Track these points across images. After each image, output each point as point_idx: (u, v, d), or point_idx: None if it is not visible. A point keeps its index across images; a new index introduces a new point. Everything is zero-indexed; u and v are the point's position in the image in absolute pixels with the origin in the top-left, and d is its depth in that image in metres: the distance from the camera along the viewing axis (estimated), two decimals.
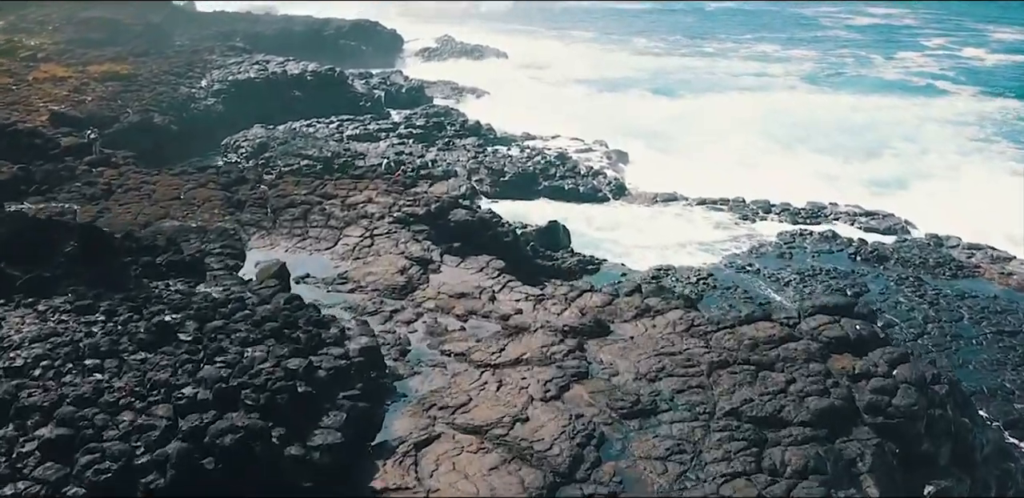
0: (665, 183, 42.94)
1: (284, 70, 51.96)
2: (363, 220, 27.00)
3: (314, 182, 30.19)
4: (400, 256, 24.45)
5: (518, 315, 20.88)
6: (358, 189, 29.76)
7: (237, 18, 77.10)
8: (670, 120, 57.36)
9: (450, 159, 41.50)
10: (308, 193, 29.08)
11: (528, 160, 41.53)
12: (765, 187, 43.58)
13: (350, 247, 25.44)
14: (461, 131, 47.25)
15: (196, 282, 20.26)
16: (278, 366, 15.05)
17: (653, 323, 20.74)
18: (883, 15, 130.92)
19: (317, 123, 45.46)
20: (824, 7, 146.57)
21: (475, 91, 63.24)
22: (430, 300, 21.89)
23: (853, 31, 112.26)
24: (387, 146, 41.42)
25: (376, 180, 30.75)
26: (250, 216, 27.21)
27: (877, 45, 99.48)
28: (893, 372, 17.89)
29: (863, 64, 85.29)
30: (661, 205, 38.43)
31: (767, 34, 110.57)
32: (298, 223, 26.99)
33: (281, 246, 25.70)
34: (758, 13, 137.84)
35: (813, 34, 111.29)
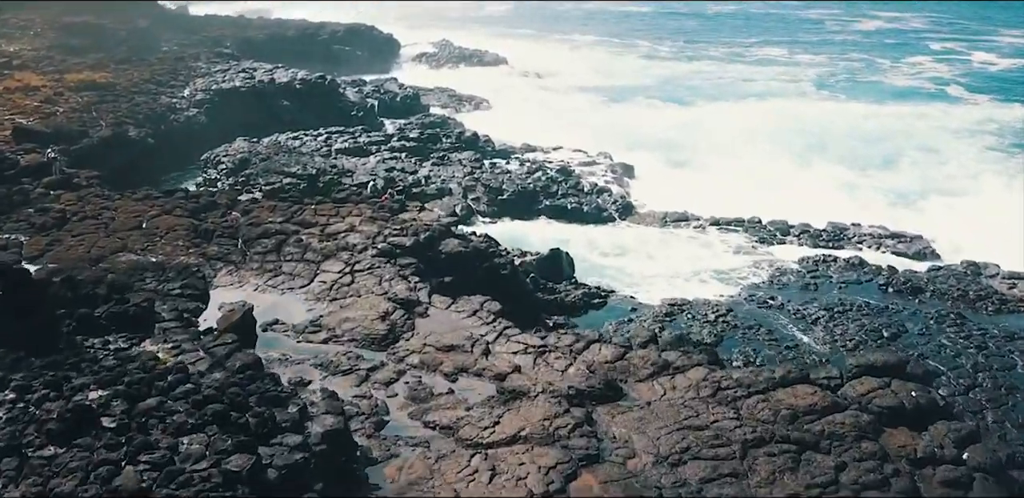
0: (675, 200, 39.92)
1: (272, 78, 48.93)
2: (344, 252, 23.95)
3: (291, 207, 27.10)
4: (382, 297, 21.39)
5: (516, 375, 17.83)
6: (340, 215, 26.70)
7: (228, 22, 74.12)
8: (679, 130, 54.30)
9: (445, 175, 38.45)
10: (284, 220, 26.02)
11: (528, 176, 38.47)
12: (781, 202, 40.63)
13: (327, 285, 22.40)
14: (457, 144, 44.21)
15: (141, 338, 17.25)
16: (217, 467, 12.00)
17: (673, 384, 17.71)
18: (888, 18, 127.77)
19: (304, 135, 42.42)
20: (828, 10, 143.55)
21: (473, 99, 60.22)
22: (414, 353, 18.85)
23: (860, 35, 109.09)
24: (377, 162, 38.36)
25: (361, 205, 27.68)
26: (218, 248, 24.15)
27: (885, 49, 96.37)
28: (963, 455, 14.85)
29: (872, 69, 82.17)
30: (671, 226, 35.37)
31: (772, 38, 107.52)
32: (271, 256, 23.94)
33: (250, 284, 22.66)
34: (760, 17, 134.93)
35: (819, 38, 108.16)
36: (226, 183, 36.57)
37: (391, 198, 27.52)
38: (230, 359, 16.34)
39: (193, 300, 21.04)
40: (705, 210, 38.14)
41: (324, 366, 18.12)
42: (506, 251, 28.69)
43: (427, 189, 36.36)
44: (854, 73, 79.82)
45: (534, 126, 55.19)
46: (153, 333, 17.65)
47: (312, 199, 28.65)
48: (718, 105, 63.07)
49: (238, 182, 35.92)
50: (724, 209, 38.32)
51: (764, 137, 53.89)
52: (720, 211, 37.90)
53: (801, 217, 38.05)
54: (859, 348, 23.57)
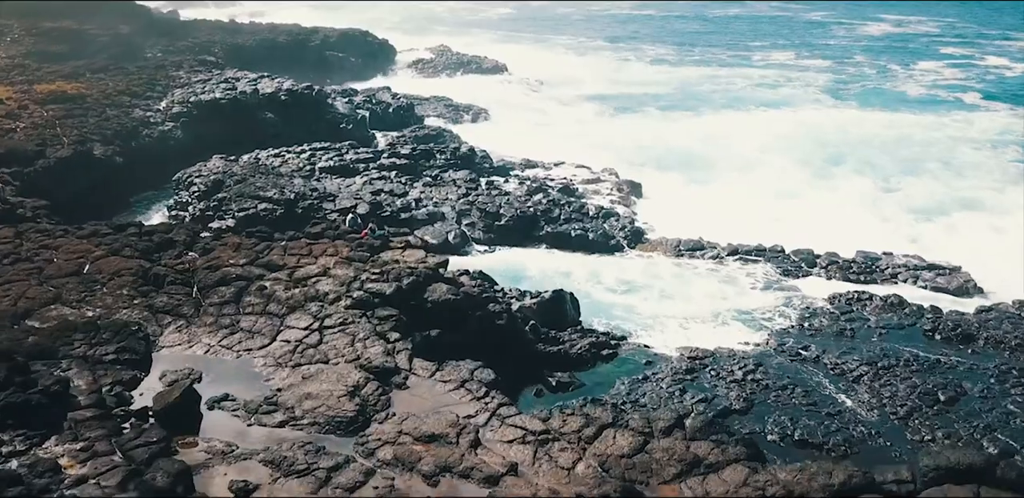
0: (687, 223, 36.34)
1: (256, 89, 45.28)
2: (313, 304, 20.34)
3: (258, 246, 23.45)
4: (354, 365, 17.79)
5: (512, 478, 14.22)
6: (313, 255, 23.08)
7: (217, 28, 70.53)
8: (690, 142, 50.78)
9: (438, 197, 34.85)
10: (248, 262, 22.40)
11: (528, 199, 34.83)
12: (803, 222, 37.40)
13: (291, 346, 18.79)
14: (452, 160, 40.62)
15: (44, 435, 13.69)
16: None
17: (705, 487, 14.10)
18: (894, 22, 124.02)
19: (287, 152, 38.78)
20: (831, 13, 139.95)
21: (471, 109, 56.61)
22: (387, 445, 15.22)
23: (867, 40, 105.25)
24: (364, 183, 34.73)
25: (337, 242, 24.04)
26: (168, 299, 20.53)
27: (894, 54, 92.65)
28: None
29: (884, 76, 78.44)
30: (686, 256, 31.71)
31: (777, 41, 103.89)
32: (229, 308, 20.32)
33: (202, 343, 19.06)
34: (763, 19, 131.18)
35: (824, 42, 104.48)
36: (197, 207, 33.00)
37: (372, 234, 23.94)
38: (151, 468, 12.78)
39: (131, 367, 17.54)
40: (722, 235, 34.55)
41: (276, 463, 14.50)
42: (503, 292, 25.17)
43: (417, 214, 32.76)
44: (866, 80, 76.14)
45: (535, 139, 51.82)
46: (63, 428, 14.08)
47: (284, 234, 25.04)
48: (730, 114, 59.49)
49: (210, 207, 32.35)
50: (742, 233, 34.77)
51: (781, 149, 50.45)
52: (738, 236, 34.34)
53: (826, 242, 34.53)
54: (913, 416, 19.99)
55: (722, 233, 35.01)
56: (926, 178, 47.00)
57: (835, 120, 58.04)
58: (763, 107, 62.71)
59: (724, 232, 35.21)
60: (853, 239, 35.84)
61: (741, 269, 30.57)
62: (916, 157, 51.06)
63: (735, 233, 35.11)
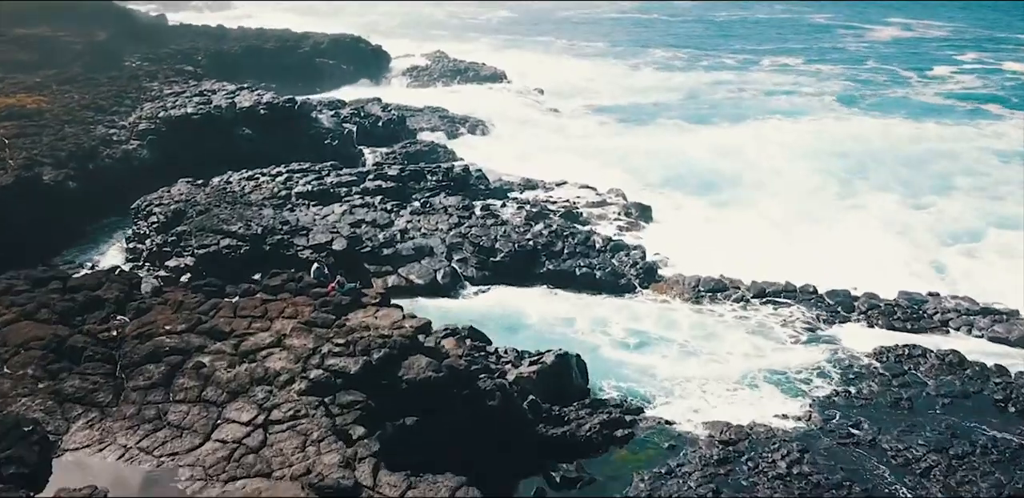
0: (704, 252, 32.35)
1: (232, 102, 41.09)
2: (260, 388, 16.23)
3: (202, 305, 19.30)
4: (301, 485, 13.67)
5: None
6: (268, 316, 18.95)
7: (202, 33, 66.42)
8: (704, 157, 46.88)
9: (426, 227, 30.72)
10: (187, 328, 18.26)
11: (527, 229, 30.66)
12: (831, 248, 33.39)
13: (226, 450, 14.69)
14: (444, 182, 36.46)
15: None
16: None
17: None
18: (902, 26, 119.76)
19: (261, 175, 34.65)
20: (834, 15, 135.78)
21: (467, 121, 52.43)
22: None
23: (877, 45, 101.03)
24: (343, 212, 30.59)
25: (299, 299, 19.89)
26: (81, 382, 16.43)
27: (907, 60, 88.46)
28: None
29: (899, 82, 74.21)
30: (707, 299, 27.52)
31: (783, 45, 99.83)
32: (156, 394, 16.22)
33: (116, 445, 14.99)
34: (767, 23, 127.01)
35: (832, 46, 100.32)
36: (155, 241, 28.88)
37: (340, 289, 19.85)
38: None
39: (17, 487, 13.43)
40: (744, 268, 30.47)
41: None
42: (496, 356, 21.02)
43: (402, 248, 28.61)
44: (880, 87, 71.93)
45: (536, 154, 47.82)
46: None
47: (237, 286, 20.92)
48: (744, 126, 55.39)
49: (168, 241, 28.22)
50: (766, 265, 30.78)
51: (801, 163, 46.53)
52: (762, 268, 30.28)
53: (860, 275, 30.67)
54: None
55: (744, 265, 31.00)
56: (957, 195, 43.06)
57: (855, 131, 53.91)
58: (777, 116, 58.56)
59: (746, 263, 31.22)
60: (888, 271, 32.00)
61: (771, 315, 26.39)
62: (944, 172, 47.03)
63: (758, 264, 31.11)
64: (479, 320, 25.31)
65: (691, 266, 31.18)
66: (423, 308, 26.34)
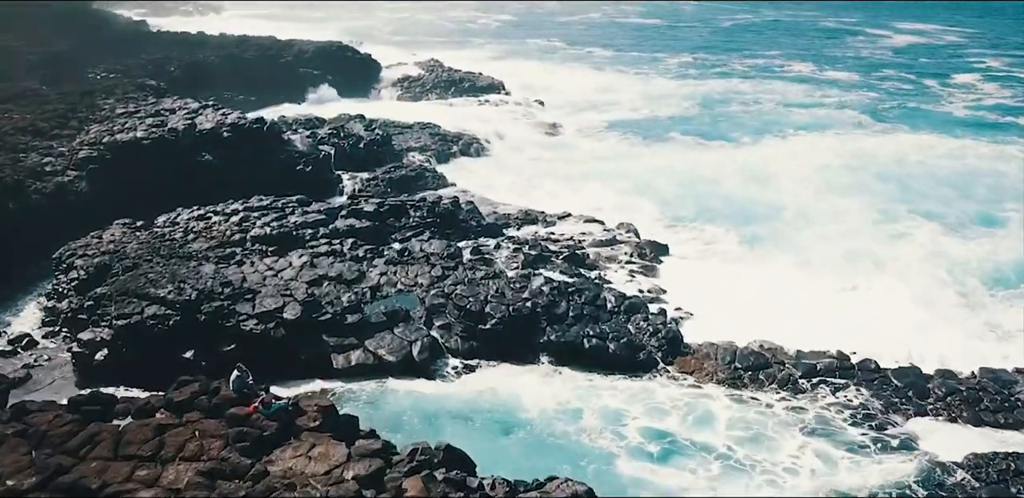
0: (733, 306, 26.83)
1: (191, 124, 35.44)
2: None
3: (73, 437, 13.65)
4: None
5: None
6: (160, 457, 13.31)
7: (179, 41, 60.82)
8: (727, 180, 41.47)
9: (404, 281, 25.08)
10: (40, 481, 12.61)
11: (524, 284, 24.94)
12: (879, 298, 27.74)
13: None
14: (430, 218, 30.90)
15: None
16: None
17: None
18: (915, 32, 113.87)
19: (214, 213, 29.05)
20: (842, 20, 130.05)
21: (460, 139, 46.76)
22: None
23: (892, 52, 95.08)
24: (303, 265, 24.91)
25: (209, 423, 14.23)
26: None
27: (925, 67, 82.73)
28: None
29: (923, 93, 68.39)
30: (746, 380, 21.84)
31: (793, 51, 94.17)
32: None
33: None
34: (771, 27, 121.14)
35: (845, 53, 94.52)
36: (72, 304, 23.27)
37: (264, 410, 14.19)
38: None
39: None
40: (783, 327, 25.01)
41: None
42: (482, 491, 15.30)
43: (372, 314, 22.95)
44: (904, 97, 66.10)
45: (536, 179, 42.24)
46: None
47: (131, 404, 15.26)
48: (768, 143, 49.77)
49: (84, 306, 22.58)
50: (810, 324, 25.32)
51: (836, 185, 40.92)
52: (805, 329, 24.81)
53: (915, 337, 25.14)
54: None
55: (782, 321, 25.57)
56: (1013, 228, 37.30)
57: (888, 149, 48.17)
58: (801, 131, 52.83)
59: (784, 319, 25.76)
60: (944, 327, 26.33)
61: (831, 406, 20.67)
62: (990, 197, 41.35)
63: (799, 321, 25.62)
64: (463, 413, 19.83)
65: (718, 325, 25.66)
66: (393, 394, 20.82)
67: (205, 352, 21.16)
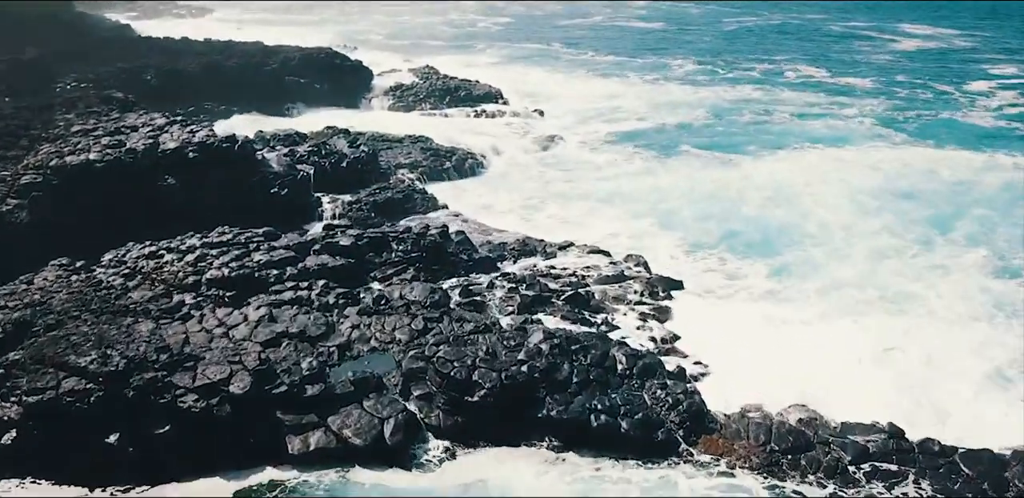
0: (758, 359, 22.90)
1: (153, 143, 31.48)
2: None
3: None
4: None
5: None
6: None
7: (159, 47, 56.89)
8: (751, 202, 37.42)
9: (379, 337, 21.13)
10: None
11: (519, 341, 20.92)
12: (920, 349, 23.70)
13: None
14: (415, 253, 27.04)
15: None
16: None
17: None
18: (924, 37, 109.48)
19: (167, 250, 25.08)
20: (849, 24, 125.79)
21: (454, 155, 42.82)
22: None
23: (901, 56, 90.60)
24: (260, 318, 20.95)
25: None
26: None
27: (939, 74, 78.45)
28: None
29: (941, 101, 64.16)
30: (787, 467, 17.83)
31: (800, 55, 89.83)
32: None
33: None
34: (776, 31, 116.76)
35: (853, 58, 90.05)
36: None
37: None
38: None
39: None
40: (821, 390, 21.05)
41: None
42: None
43: (337, 382, 18.96)
44: (921, 106, 61.94)
45: (536, 199, 38.41)
46: None
47: None
48: (785, 156, 45.75)
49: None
50: (852, 385, 21.33)
51: (862, 207, 37.14)
52: (848, 392, 20.87)
53: (970, 398, 21.27)
54: None
55: (819, 379, 21.58)
56: None
57: (915, 164, 44.06)
58: (818, 144, 48.75)
59: (822, 377, 21.76)
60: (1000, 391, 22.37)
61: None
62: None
63: (838, 379, 21.67)
64: None
65: (744, 381, 21.82)
66: (358, 488, 16.83)
67: (133, 436, 17.23)
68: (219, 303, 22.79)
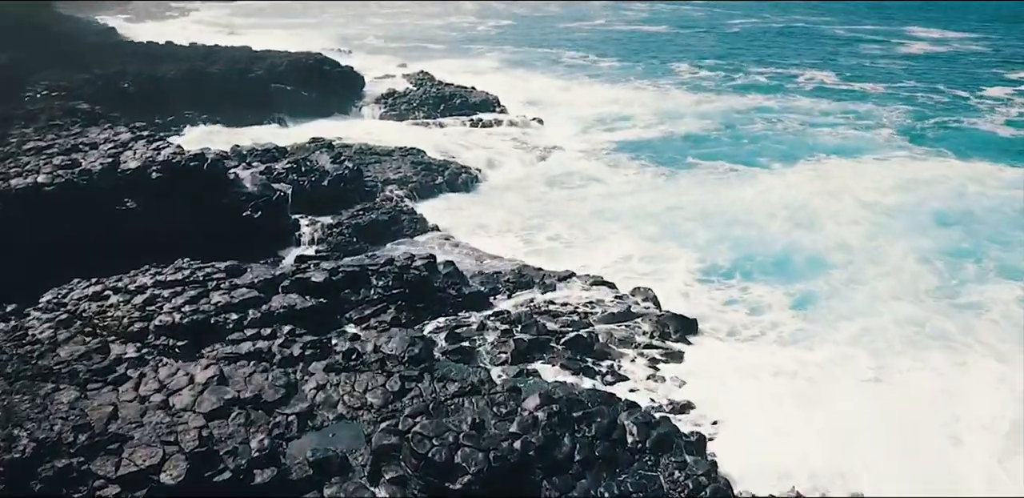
0: (781, 415, 19.78)
1: (113, 162, 28.20)
2: None
3: None
4: None
5: None
6: None
7: (139, 52, 53.52)
8: (770, 222, 34.07)
9: (346, 402, 17.71)
10: None
11: (512, 406, 17.50)
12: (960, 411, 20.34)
13: None
14: (396, 288, 23.70)
15: None
16: None
17: None
18: (932, 40, 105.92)
19: (115, 290, 21.75)
20: (852, 27, 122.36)
21: (447, 169, 39.51)
22: None
23: (910, 61, 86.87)
24: (209, 379, 17.54)
25: None
26: None
27: (952, 79, 75.01)
28: None
29: (960, 109, 60.63)
30: None
31: (807, 59, 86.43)
32: None
33: None
34: (781, 34, 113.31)
35: (861, 62, 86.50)
36: None
37: None
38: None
39: None
40: (859, 458, 17.77)
41: None
42: None
43: (293, 464, 15.59)
44: (939, 113, 58.54)
45: (536, 220, 35.01)
46: None
47: None
48: (802, 170, 42.49)
49: None
50: (886, 445, 18.06)
51: (887, 229, 33.76)
52: (891, 461, 17.54)
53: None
54: None
55: (857, 443, 18.31)
56: None
57: (940, 178, 40.75)
58: (834, 155, 45.48)
59: (860, 440, 18.46)
60: None
61: None
62: None
63: (879, 446, 18.34)
64: None
65: (772, 447, 18.55)
66: None
67: None
68: (168, 353, 19.54)
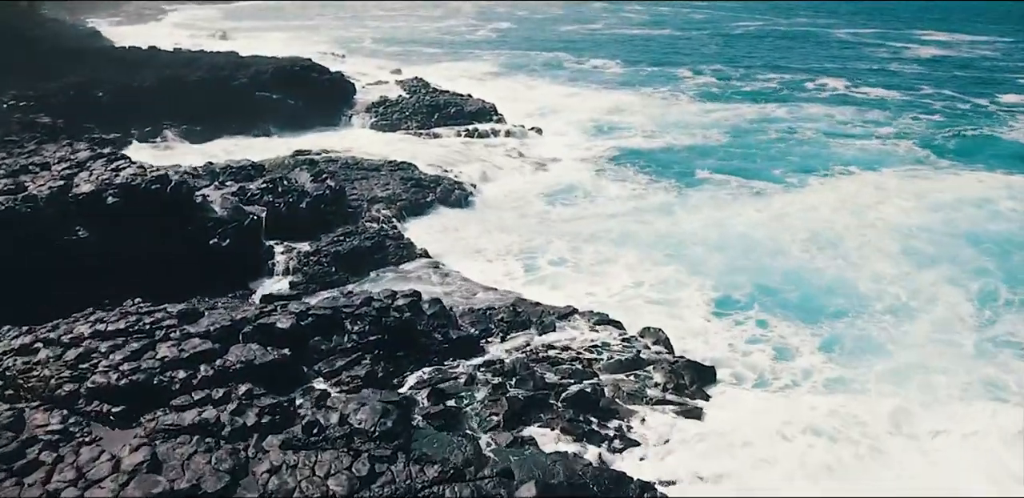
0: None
1: (64, 186, 25.04)
2: None
3: None
4: None
5: None
6: None
7: (117, 58, 50.32)
8: (782, 245, 30.89)
9: (304, 491, 14.47)
10: None
11: (504, 493, 14.38)
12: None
13: None
14: (372, 336, 20.54)
15: None
16: None
17: None
18: (941, 44, 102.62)
19: (45, 343, 18.56)
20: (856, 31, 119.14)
21: (439, 185, 36.31)
22: None
23: (920, 65, 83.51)
24: (138, 464, 14.34)
25: None
26: None
27: (966, 85, 71.75)
28: None
29: (979, 117, 57.29)
30: None
31: (815, 65, 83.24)
32: None
33: None
34: (786, 38, 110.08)
35: (868, 66, 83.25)
36: None
37: None
38: None
39: None
40: None
41: None
42: None
43: None
44: (961, 122, 55.21)
45: (535, 241, 31.71)
46: None
47: None
48: (817, 185, 39.30)
49: None
50: None
51: (916, 254, 30.56)
52: None
53: None
54: None
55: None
56: None
57: (968, 193, 37.43)
58: (852, 167, 42.28)
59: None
60: None
61: None
62: None
63: None
64: None
65: None
66: None
67: None
68: (102, 421, 16.45)
